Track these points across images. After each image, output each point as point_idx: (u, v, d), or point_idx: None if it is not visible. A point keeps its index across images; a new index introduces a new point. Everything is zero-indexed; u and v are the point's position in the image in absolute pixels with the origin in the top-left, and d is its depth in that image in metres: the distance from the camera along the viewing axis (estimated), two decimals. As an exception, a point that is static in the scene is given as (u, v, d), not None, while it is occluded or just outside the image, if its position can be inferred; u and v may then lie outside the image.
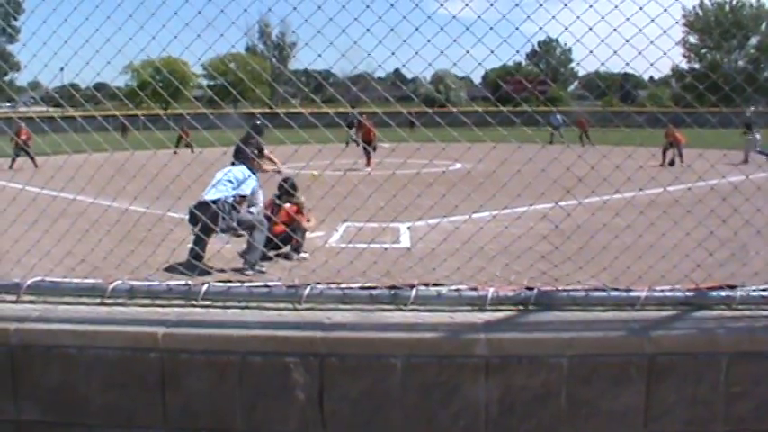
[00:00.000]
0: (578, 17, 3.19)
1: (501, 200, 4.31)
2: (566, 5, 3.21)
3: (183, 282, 3.38)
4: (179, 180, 3.79)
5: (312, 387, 2.88)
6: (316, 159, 4.02)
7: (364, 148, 21.96)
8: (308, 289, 3.26)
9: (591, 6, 3.23)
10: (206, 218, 7.58)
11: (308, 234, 9.51)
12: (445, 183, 4.41)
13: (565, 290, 3.19)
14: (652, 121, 5.53)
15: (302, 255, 9.32)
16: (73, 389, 2.99)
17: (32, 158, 22.47)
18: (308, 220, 9.47)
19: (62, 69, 3.64)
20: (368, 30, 3.20)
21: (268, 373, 2.90)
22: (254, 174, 9.25)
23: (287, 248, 9.23)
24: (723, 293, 3.09)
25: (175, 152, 25.65)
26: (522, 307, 3.15)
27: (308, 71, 4.84)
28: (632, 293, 3.10)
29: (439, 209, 4.12)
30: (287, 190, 9.59)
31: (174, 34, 3.35)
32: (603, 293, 3.13)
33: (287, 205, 9.46)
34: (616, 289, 3.14)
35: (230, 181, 8.80)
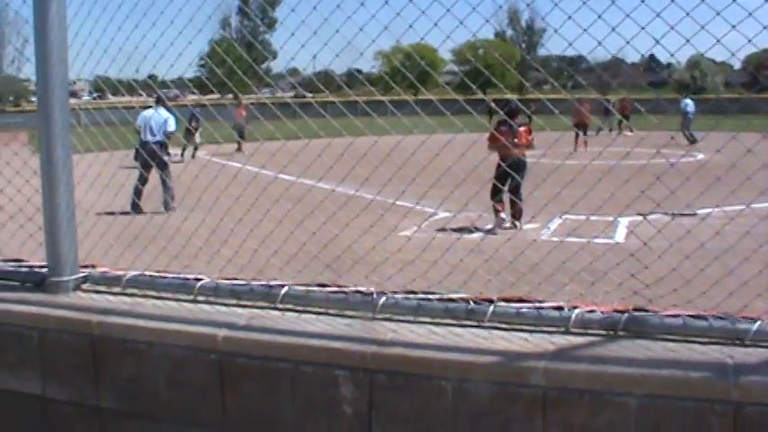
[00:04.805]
0: None
1: (736, 195, 3.68)
2: None
3: (264, 282, 3.37)
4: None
5: (361, 403, 2.74)
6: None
7: (576, 133, 22.56)
8: (384, 299, 3.12)
9: None
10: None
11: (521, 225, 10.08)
12: (676, 175, 3.87)
13: (660, 315, 2.76)
14: None
15: (518, 224, 10.03)
16: (144, 382, 3.10)
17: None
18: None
19: (314, 57, 3.80)
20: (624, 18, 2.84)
21: (318, 384, 2.80)
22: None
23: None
24: None
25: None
26: (611, 332, 2.78)
27: (559, 56, 4.74)
28: (739, 325, 2.60)
29: (668, 204, 3.64)
30: (514, 110, 9.64)
31: (427, 20, 3.15)
32: (705, 323, 2.67)
33: (522, 128, 9.62)
34: (720, 317, 2.66)
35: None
